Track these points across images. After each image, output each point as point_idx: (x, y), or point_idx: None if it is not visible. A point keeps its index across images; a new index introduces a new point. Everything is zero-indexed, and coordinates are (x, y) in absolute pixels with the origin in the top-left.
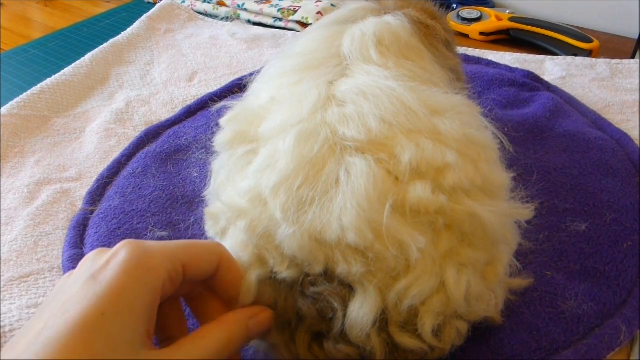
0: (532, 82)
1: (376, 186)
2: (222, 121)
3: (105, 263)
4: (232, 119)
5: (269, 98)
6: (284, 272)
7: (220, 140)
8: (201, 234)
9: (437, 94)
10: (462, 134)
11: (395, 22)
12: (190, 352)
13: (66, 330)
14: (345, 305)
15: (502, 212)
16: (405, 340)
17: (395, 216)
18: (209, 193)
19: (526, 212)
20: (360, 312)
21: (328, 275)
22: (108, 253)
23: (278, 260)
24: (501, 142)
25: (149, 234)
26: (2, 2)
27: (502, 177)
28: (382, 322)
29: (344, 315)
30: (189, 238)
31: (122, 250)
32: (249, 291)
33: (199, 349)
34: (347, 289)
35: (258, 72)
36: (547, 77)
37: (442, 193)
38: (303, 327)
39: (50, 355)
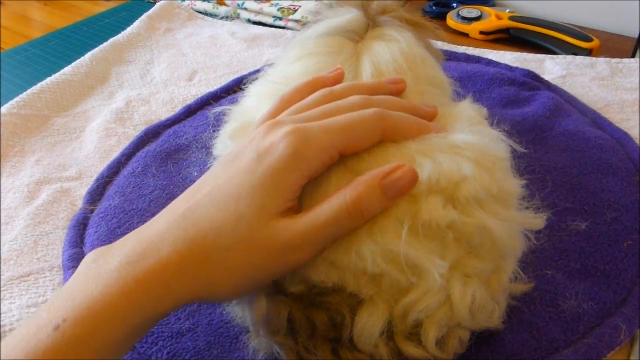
0: (532, 81)
1: (391, 211)
2: (225, 133)
3: (269, 147)
4: (234, 136)
5: None
6: (294, 288)
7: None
8: None
9: (449, 106)
10: (477, 144)
11: (405, 44)
12: (317, 217)
13: (227, 193)
14: (353, 314)
15: (513, 224)
16: (411, 350)
17: (410, 240)
18: None
19: (538, 221)
20: (368, 322)
21: (337, 289)
22: (274, 135)
23: (288, 278)
24: (513, 148)
25: None
26: (2, 1)
27: (515, 185)
28: (389, 331)
29: (352, 323)
30: None
31: (285, 139)
32: (259, 307)
33: (325, 213)
34: (355, 299)
35: (258, 71)
36: (547, 76)
37: (454, 207)
38: (317, 335)
39: (209, 211)
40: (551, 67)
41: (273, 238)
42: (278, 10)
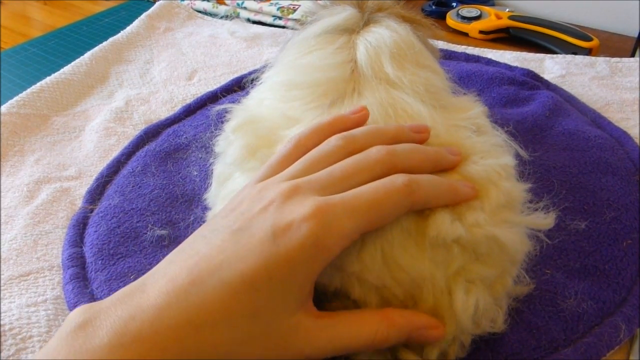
0: (532, 81)
1: (399, 224)
2: (229, 129)
3: (287, 227)
4: (239, 129)
5: (281, 114)
6: None
7: (233, 157)
8: None
9: (452, 98)
10: (481, 164)
11: (404, 32)
12: (342, 339)
13: (239, 280)
14: None
15: (521, 228)
16: (411, 358)
17: (417, 254)
18: (210, 197)
19: (548, 221)
20: None
21: (342, 294)
22: (294, 209)
23: None
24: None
25: (148, 233)
26: (1, 0)
27: (521, 190)
28: None
29: None
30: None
31: (306, 224)
32: None
33: (350, 338)
34: (356, 306)
35: (258, 70)
36: (546, 76)
37: (462, 224)
38: None
39: (221, 295)
40: (551, 67)
41: (292, 340)
42: (278, 9)
